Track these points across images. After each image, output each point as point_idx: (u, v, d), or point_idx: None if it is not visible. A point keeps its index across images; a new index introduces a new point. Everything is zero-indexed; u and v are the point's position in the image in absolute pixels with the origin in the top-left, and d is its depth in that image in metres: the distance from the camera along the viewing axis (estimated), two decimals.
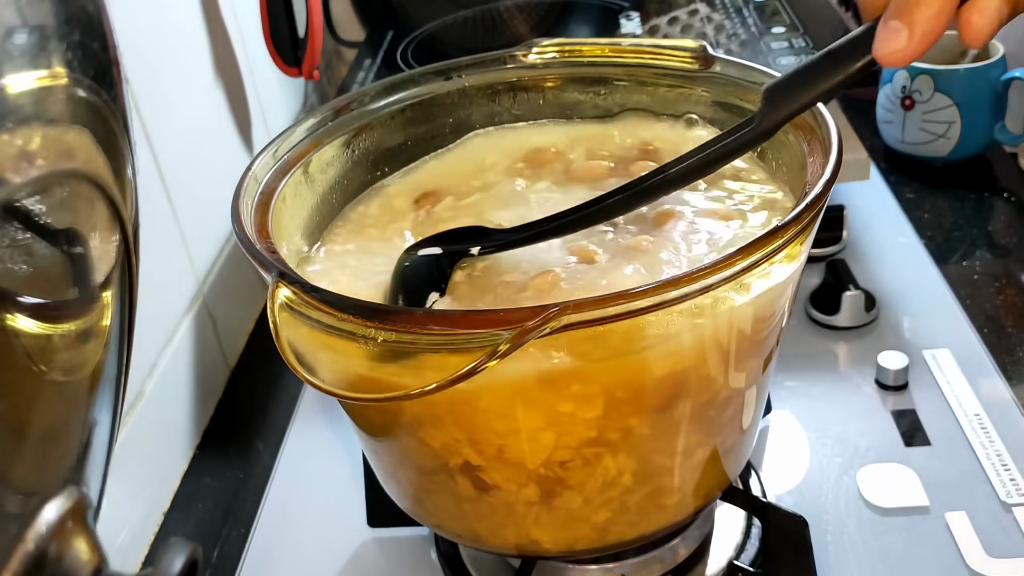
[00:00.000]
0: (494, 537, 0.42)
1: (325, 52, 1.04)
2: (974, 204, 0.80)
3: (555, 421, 0.37)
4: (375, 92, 0.50)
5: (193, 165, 0.67)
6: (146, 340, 0.58)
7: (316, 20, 0.78)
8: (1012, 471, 0.53)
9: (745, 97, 0.46)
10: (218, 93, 0.75)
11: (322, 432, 0.63)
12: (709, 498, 0.44)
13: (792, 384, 0.62)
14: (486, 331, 0.30)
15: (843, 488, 0.53)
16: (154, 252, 0.61)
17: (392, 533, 0.54)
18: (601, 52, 0.51)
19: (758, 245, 0.33)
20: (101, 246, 0.29)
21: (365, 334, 0.32)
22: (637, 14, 0.86)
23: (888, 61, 0.34)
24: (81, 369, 0.28)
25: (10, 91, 0.23)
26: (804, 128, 0.42)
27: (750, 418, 0.43)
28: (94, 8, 0.28)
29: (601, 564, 0.47)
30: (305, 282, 0.33)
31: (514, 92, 0.53)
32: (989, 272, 0.71)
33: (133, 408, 0.56)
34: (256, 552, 0.55)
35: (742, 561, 0.48)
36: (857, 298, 0.65)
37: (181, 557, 0.27)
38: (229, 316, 0.71)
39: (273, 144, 0.45)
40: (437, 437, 0.39)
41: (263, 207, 0.41)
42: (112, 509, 0.47)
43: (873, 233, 0.75)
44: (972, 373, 0.60)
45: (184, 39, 0.70)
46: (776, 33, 0.77)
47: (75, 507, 0.27)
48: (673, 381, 0.37)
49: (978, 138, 0.82)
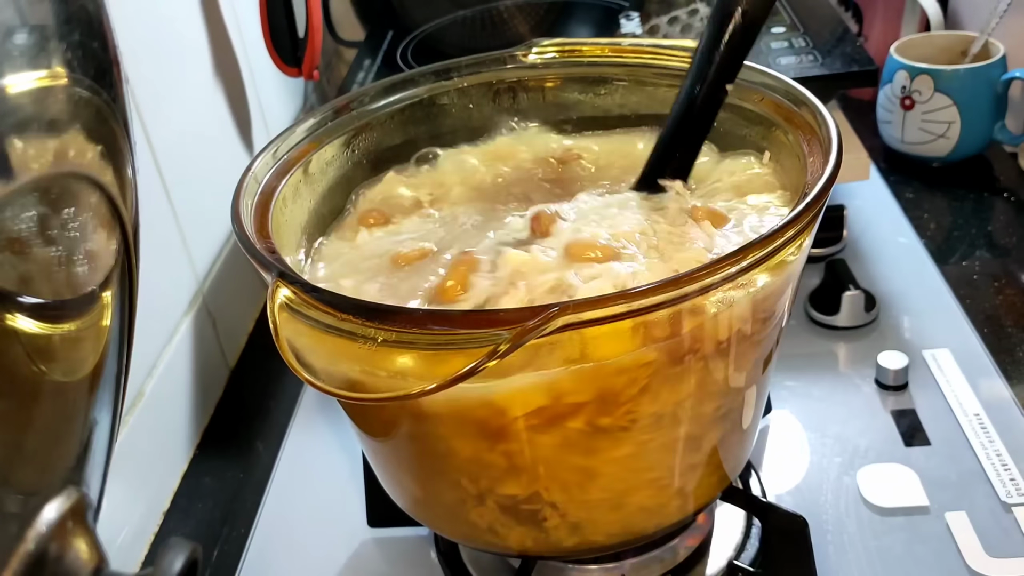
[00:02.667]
0: (494, 537, 0.42)
1: (325, 52, 1.04)
2: (974, 204, 0.80)
3: (555, 422, 0.37)
4: (375, 92, 0.50)
5: (193, 165, 0.67)
6: (146, 340, 0.58)
7: (316, 20, 0.78)
8: (1012, 471, 0.53)
9: (745, 97, 0.46)
10: (218, 93, 0.75)
11: (322, 432, 0.63)
12: (709, 498, 0.44)
13: (792, 384, 0.62)
14: (486, 331, 0.30)
15: (843, 488, 0.53)
16: (154, 252, 0.61)
17: (392, 533, 0.54)
18: (601, 52, 0.51)
19: (758, 245, 0.33)
20: (101, 246, 0.29)
21: (365, 334, 0.32)
22: (637, 14, 0.86)
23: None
24: (81, 369, 0.28)
25: (10, 91, 0.23)
26: (804, 128, 0.42)
27: (750, 418, 0.43)
28: (94, 8, 0.28)
29: (601, 564, 0.47)
30: (305, 282, 0.33)
31: (514, 92, 0.53)
32: (989, 272, 0.71)
33: (133, 408, 0.56)
34: (256, 552, 0.55)
35: (742, 561, 0.48)
36: (857, 298, 0.65)
37: (181, 557, 0.27)
38: (229, 316, 0.71)
39: (273, 144, 0.45)
40: (437, 437, 0.39)
41: (263, 207, 0.41)
42: (112, 509, 0.47)
43: (873, 233, 0.76)
44: (972, 373, 0.60)
45: (184, 39, 0.70)
46: (776, 33, 0.77)
47: (75, 507, 0.27)
48: (673, 381, 0.37)
49: (978, 138, 0.82)
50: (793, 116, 0.43)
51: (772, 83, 0.45)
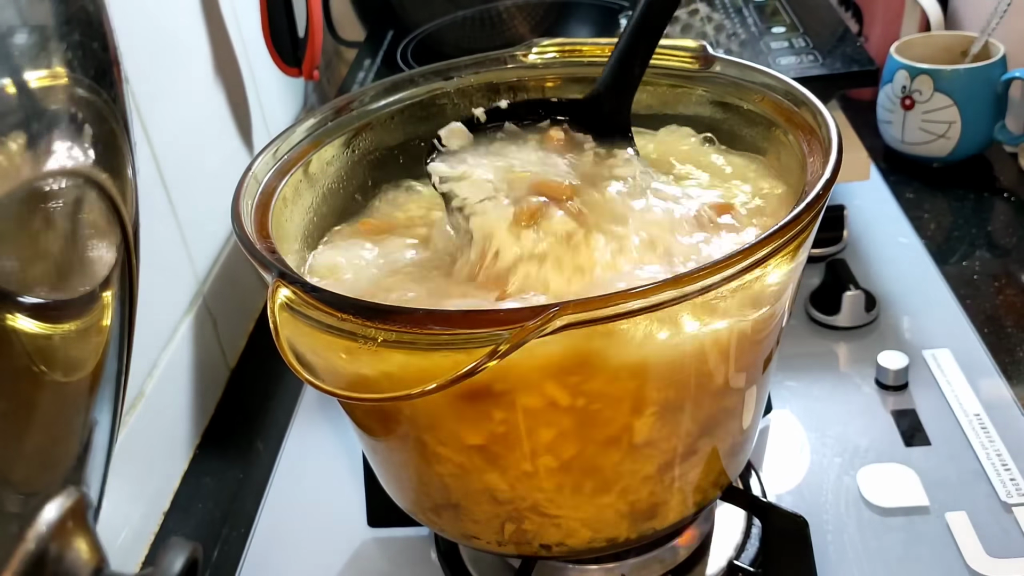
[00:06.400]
0: (494, 537, 0.42)
1: (325, 52, 1.04)
2: (974, 204, 0.80)
3: (555, 423, 0.37)
4: (375, 92, 0.50)
5: (193, 165, 0.67)
6: (146, 340, 0.59)
7: (316, 20, 0.78)
8: (1012, 471, 0.53)
9: (745, 97, 0.46)
10: (218, 93, 0.75)
11: (322, 432, 0.63)
12: (709, 498, 0.44)
13: (792, 384, 0.62)
14: (486, 331, 0.30)
15: (843, 488, 0.53)
16: (154, 252, 0.61)
17: (392, 533, 0.54)
18: (601, 52, 0.51)
19: (758, 245, 0.33)
20: (101, 246, 0.29)
21: (365, 334, 0.32)
22: None
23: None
24: (81, 369, 0.28)
25: (10, 91, 0.23)
26: (804, 128, 0.42)
27: (750, 418, 0.43)
28: (94, 8, 0.28)
29: (601, 564, 0.47)
30: (305, 282, 0.33)
31: (514, 92, 0.52)
32: (989, 272, 0.71)
33: (133, 408, 0.56)
34: (256, 552, 0.55)
35: (742, 561, 0.48)
36: (857, 298, 0.65)
37: (181, 557, 0.27)
38: (229, 316, 0.71)
39: (273, 144, 0.45)
40: (437, 437, 0.39)
41: (263, 207, 0.41)
42: (112, 509, 0.47)
43: (873, 233, 0.76)
44: (972, 373, 0.60)
45: (184, 39, 0.70)
46: (776, 33, 0.77)
47: (75, 507, 0.27)
48: (673, 381, 0.37)
49: (978, 138, 0.82)
50: (793, 116, 0.43)
51: (772, 83, 0.45)
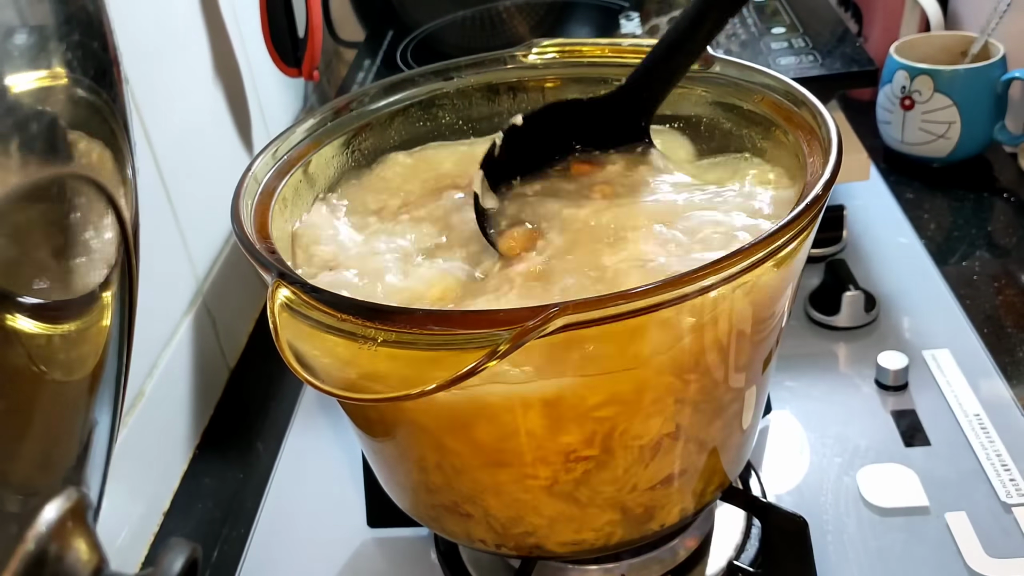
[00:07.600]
0: (494, 537, 0.42)
1: (325, 52, 1.04)
2: (974, 204, 0.80)
3: (554, 423, 0.37)
4: (375, 92, 0.50)
5: (193, 165, 0.67)
6: (146, 340, 0.59)
7: (316, 20, 0.78)
8: (1012, 471, 0.53)
9: (745, 97, 0.46)
10: (218, 93, 0.75)
11: (322, 432, 0.63)
12: (709, 498, 0.44)
13: (792, 384, 0.62)
14: (486, 331, 0.30)
15: (843, 488, 0.53)
16: (154, 252, 0.61)
17: (392, 533, 0.54)
18: (601, 52, 0.51)
19: (758, 246, 0.33)
20: (101, 246, 0.29)
21: (365, 334, 0.32)
22: (637, 14, 0.86)
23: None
24: (81, 369, 0.28)
25: (10, 91, 0.23)
26: (804, 128, 0.42)
27: (750, 418, 0.43)
28: (94, 8, 0.28)
29: (601, 564, 0.47)
30: (305, 282, 0.33)
31: (514, 92, 0.53)
32: (989, 272, 0.71)
33: (133, 408, 0.56)
34: (256, 552, 0.55)
35: (742, 561, 0.48)
36: (857, 298, 0.65)
37: (181, 557, 0.27)
38: (229, 316, 0.71)
39: (273, 144, 0.45)
40: (437, 437, 0.39)
41: (263, 207, 0.41)
42: (112, 509, 0.47)
43: (873, 233, 0.76)
44: (972, 373, 0.60)
45: (184, 39, 0.70)
46: (776, 33, 0.77)
47: (75, 507, 0.27)
48: (672, 381, 0.37)
49: (978, 138, 0.82)
50: (793, 116, 0.43)
51: (772, 83, 0.45)
